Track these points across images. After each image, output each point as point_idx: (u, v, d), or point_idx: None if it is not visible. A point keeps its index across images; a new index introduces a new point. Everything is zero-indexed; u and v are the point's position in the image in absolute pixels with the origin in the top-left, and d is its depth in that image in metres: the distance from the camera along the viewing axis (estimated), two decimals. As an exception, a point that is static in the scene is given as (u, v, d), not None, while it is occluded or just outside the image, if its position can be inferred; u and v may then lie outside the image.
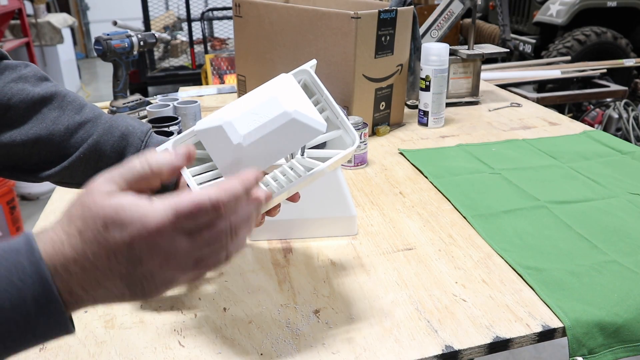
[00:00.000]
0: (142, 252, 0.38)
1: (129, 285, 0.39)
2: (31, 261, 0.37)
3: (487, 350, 0.57)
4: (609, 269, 0.68)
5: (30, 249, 0.37)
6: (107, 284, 0.39)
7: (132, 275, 0.39)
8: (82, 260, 0.38)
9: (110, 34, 1.23)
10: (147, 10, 3.77)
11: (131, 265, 0.39)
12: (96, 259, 0.38)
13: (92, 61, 6.07)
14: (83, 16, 6.16)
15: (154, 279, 0.40)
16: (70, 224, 0.39)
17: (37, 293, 0.37)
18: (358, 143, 0.55)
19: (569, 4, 3.57)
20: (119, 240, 0.38)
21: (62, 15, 4.52)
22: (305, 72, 0.57)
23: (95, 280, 0.39)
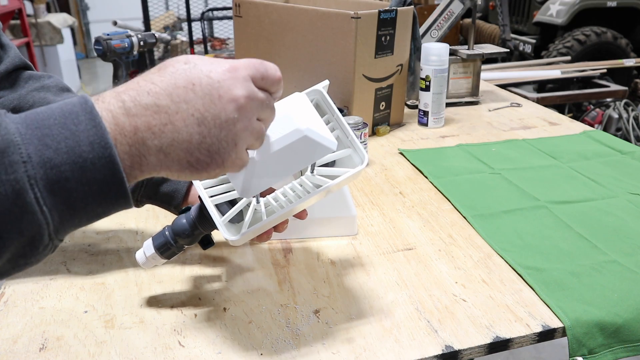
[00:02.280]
0: (220, 84, 0.39)
1: (200, 123, 0.38)
2: (84, 109, 0.36)
3: (487, 350, 0.57)
4: (609, 269, 0.68)
5: (83, 100, 0.37)
6: (178, 120, 0.38)
7: (207, 111, 0.39)
8: (155, 90, 0.38)
9: (110, 34, 1.23)
10: (147, 10, 3.77)
11: (207, 98, 0.39)
12: (173, 88, 0.38)
13: (92, 61, 6.07)
14: (83, 16, 6.16)
15: (227, 122, 0.39)
16: (147, 71, 0.40)
17: (92, 138, 0.36)
18: (367, 162, 0.56)
19: (569, 4, 3.57)
20: (200, 70, 0.39)
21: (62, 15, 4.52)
22: (317, 92, 0.59)
23: (166, 115, 0.38)
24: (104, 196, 0.37)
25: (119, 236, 0.77)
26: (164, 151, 0.39)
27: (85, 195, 0.36)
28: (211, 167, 0.41)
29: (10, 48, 0.67)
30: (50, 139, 0.35)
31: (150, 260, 0.61)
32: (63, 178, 0.35)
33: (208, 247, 0.64)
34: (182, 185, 0.68)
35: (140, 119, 0.37)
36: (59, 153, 0.35)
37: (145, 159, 0.38)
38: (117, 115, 0.37)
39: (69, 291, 0.65)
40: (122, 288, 0.66)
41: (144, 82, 0.39)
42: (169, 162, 0.39)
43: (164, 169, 0.40)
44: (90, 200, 0.37)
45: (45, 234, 0.36)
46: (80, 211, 0.37)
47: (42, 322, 0.60)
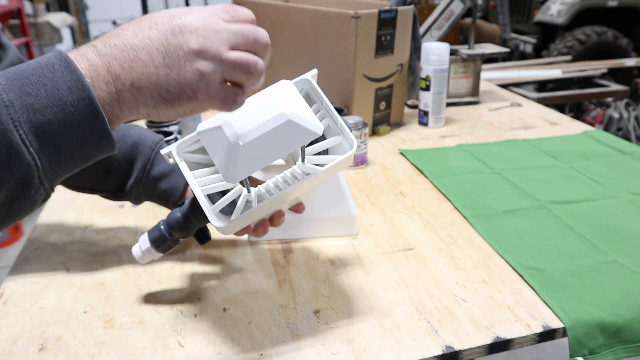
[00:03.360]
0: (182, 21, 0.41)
1: (166, 56, 0.40)
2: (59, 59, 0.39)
3: (488, 350, 0.57)
4: (609, 269, 0.68)
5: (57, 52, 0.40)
6: (144, 56, 0.40)
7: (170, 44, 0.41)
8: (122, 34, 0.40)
9: (110, 34, 1.23)
10: (146, 9, 3.77)
11: (170, 31, 0.41)
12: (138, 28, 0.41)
13: (92, 61, 6.06)
14: (82, 16, 6.15)
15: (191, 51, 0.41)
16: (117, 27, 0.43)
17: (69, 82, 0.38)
18: (356, 148, 0.56)
19: (569, 3, 3.57)
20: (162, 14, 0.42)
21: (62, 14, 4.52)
22: (306, 82, 0.58)
23: (133, 50, 0.40)
24: (87, 136, 0.39)
25: (119, 236, 0.77)
26: (136, 85, 0.41)
27: (70, 136, 0.38)
28: (182, 98, 0.42)
29: (10, 48, 0.67)
30: (29, 87, 0.37)
31: (146, 254, 0.61)
32: (46, 121, 0.37)
33: (205, 242, 0.64)
34: (180, 182, 0.68)
35: (111, 57, 0.40)
36: (40, 98, 0.37)
37: (121, 96, 0.40)
38: (90, 57, 0.40)
39: (69, 291, 0.65)
40: (121, 288, 0.65)
41: (114, 30, 0.42)
42: (143, 97, 0.41)
43: (141, 105, 0.42)
44: (75, 142, 0.38)
45: (35, 175, 0.38)
46: (67, 153, 0.39)
47: (41, 323, 0.60)
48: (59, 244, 0.75)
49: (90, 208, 0.84)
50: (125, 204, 0.85)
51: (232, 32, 0.43)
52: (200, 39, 0.42)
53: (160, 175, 0.68)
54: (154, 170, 0.68)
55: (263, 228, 0.60)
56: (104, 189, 0.70)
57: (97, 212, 0.83)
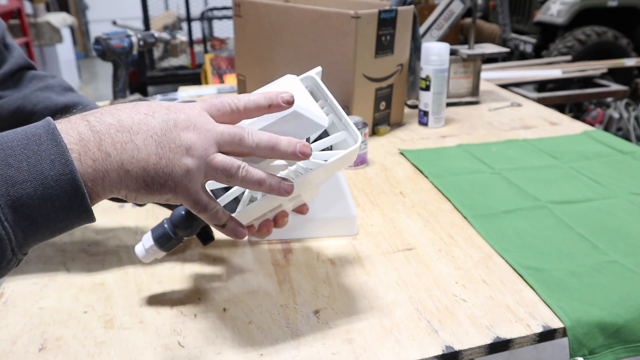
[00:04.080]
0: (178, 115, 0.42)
1: (158, 144, 0.41)
2: (47, 130, 0.39)
3: (488, 350, 0.57)
4: (609, 269, 0.68)
5: (45, 122, 0.39)
6: (138, 141, 0.41)
7: (164, 136, 0.42)
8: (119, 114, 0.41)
9: (109, 34, 1.23)
10: (146, 9, 3.77)
11: (165, 123, 0.42)
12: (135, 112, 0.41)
13: (92, 61, 6.07)
14: (82, 16, 6.15)
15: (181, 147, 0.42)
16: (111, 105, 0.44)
17: (53, 156, 0.38)
18: (360, 142, 0.56)
19: (569, 3, 3.57)
20: (158, 104, 0.42)
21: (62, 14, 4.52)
22: (310, 79, 0.58)
23: (128, 132, 0.41)
24: (66, 211, 0.39)
25: (119, 236, 0.77)
26: (125, 167, 0.41)
27: (48, 211, 0.38)
28: (164, 189, 0.43)
29: (15, 48, 0.68)
30: (12, 158, 0.37)
31: (150, 252, 0.61)
32: (25, 194, 0.37)
33: (208, 242, 0.64)
34: None
35: (105, 134, 0.40)
36: (21, 171, 0.37)
37: (107, 175, 0.40)
38: (82, 131, 0.39)
39: (69, 291, 0.65)
40: (121, 288, 0.65)
41: (108, 109, 0.42)
42: (128, 180, 0.41)
43: (123, 187, 0.42)
44: (53, 216, 0.38)
45: (8, 249, 0.37)
46: (43, 226, 0.38)
47: (41, 323, 0.60)
48: (59, 244, 0.75)
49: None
50: (126, 204, 0.85)
51: (220, 132, 0.44)
52: (192, 136, 0.43)
53: None
54: None
55: (267, 228, 0.60)
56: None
57: (97, 212, 0.83)
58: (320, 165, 0.54)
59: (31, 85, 0.67)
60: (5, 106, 0.64)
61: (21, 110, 0.64)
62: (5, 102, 0.64)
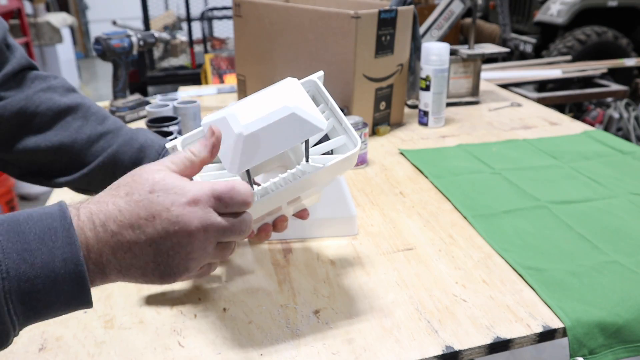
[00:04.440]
0: (178, 219, 0.42)
1: (156, 253, 0.43)
2: (63, 225, 0.40)
3: (488, 350, 0.57)
4: (609, 269, 0.68)
5: (62, 215, 0.40)
6: (137, 250, 0.42)
7: (163, 244, 0.42)
8: (121, 219, 0.42)
9: (109, 34, 1.23)
10: (146, 9, 3.77)
11: (164, 232, 0.42)
12: (136, 219, 0.42)
13: (92, 61, 6.07)
14: (82, 16, 6.15)
15: (180, 252, 0.43)
16: (118, 189, 0.43)
17: (66, 255, 0.39)
18: (359, 147, 0.56)
19: (569, 3, 3.57)
20: (161, 203, 0.42)
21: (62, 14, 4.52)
22: (312, 83, 0.58)
23: (127, 243, 0.42)
24: (69, 303, 0.41)
25: (119, 236, 0.77)
26: (122, 273, 0.43)
27: (52, 303, 0.40)
28: (164, 283, 0.45)
29: (17, 49, 0.67)
30: (28, 253, 0.38)
31: None
32: (35, 290, 0.38)
33: None
34: None
35: (106, 245, 0.41)
36: (34, 267, 0.38)
37: (106, 277, 0.43)
38: (88, 236, 0.41)
39: (69, 291, 0.65)
40: (121, 288, 0.65)
41: (112, 206, 0.42)
42: (128, 279, 0.44)
43: (124, 280, 0.45)
44: (56, 307, 0.40)
45: (11, 337, 0.40)
46: (45, 315, 0.41)
47: (41, 323, 0.59)
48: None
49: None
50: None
51: (222, 231, 0.45)
52: (194, 241, 0.43)
53: None
54: None
55: (266, 232, 0.60)
56: None
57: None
58: (319, 168, 0.54)
59: (33, 86, 0.67)
60: (8, 107, 0.64)
61: (24, 111, 0.64)
62: (8, 103, 0.64)
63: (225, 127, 0.50)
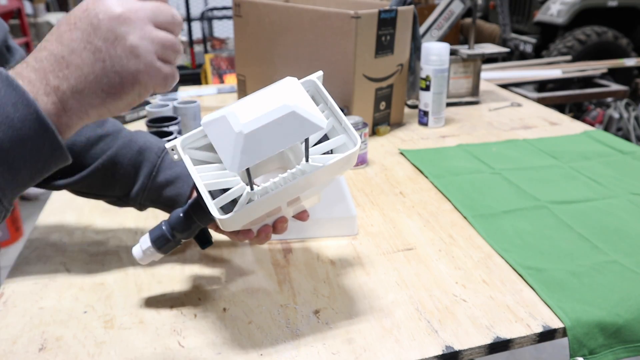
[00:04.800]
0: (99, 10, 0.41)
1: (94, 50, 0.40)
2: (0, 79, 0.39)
3: (488, 350, 0.57)
4: (609, 269, 0.68)
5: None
6: (75, 59, 0.40)
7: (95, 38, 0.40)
8: (47, 45, 0.41)
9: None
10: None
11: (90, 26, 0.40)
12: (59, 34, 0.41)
13: (92, 61, 6.06)
14: (83, 16, 6.15)
15: (121, 39, 0.41)
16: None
17: (14, 99, 0.38)
18: (359, 146, 0.56)
19: (569, 3, 3.57)
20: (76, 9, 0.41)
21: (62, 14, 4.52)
22: (311, 83, 0.59)
23: (62, 59, 0.40)
24: (39, 150, 0.39)
25: (119, 236, 0.77)
26: (77, 90, 0.41)
27: (22, 152, 0.39)
28: (126, 86, 0.42)
29: (17, 51, 0.67)
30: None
31: (147, 254, 0.61)
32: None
33: (206, 247, 0.63)
34: (185, 190, 0.68)
35: (46, 69, 0.40)
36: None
37: (66, 104, 0.41)
38: (26, 75, 0.40)
39: (69, 291, 0.65)
40: (121, 288, 0.65)
41: (41, 42, 0.42)
42: (89, 99, 0.41)
43: (88, 107, 0.42)
44: (28, 157, 0.39)
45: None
46: (21, 169, 0.39)
47: (41, 323, 0.60)
48: (59, 244, 0.75)
49: (90, 208, 0.84)
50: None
51: (151, 10, 0.43)
52: (123, 22, 0.41)
53: (165, 182, 0.68)
54: (160, 177, 0.68)
55: (266, 234, 0.60)
56: (108, 195, 0.70)
57: (97, 212, 0.83)
58: (319, 167, 0.54)
59: None
60: None
61: None
62: None
63: (225, 125, 0.50)
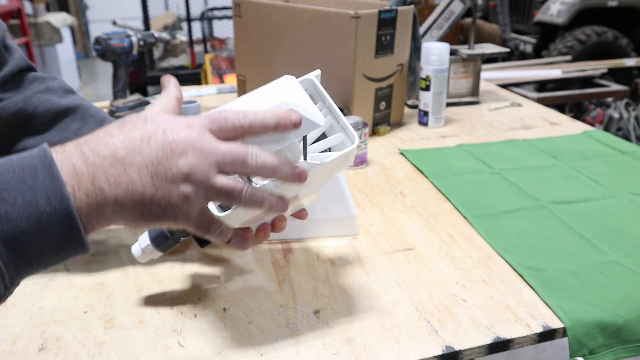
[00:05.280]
0: (174, 140, 0.40)
1: (154, 176, 0.40)
2: (43, 162, 0.37)
3: (488, 350, 0.57)
4: (609, 269, 0.68)
5: (43, 153, 0.38)
6: (132, 171, 0.39)
7: (160, 165, 0.40)
8: (114, 142, 0.39)
9: (109, 34, 1.23)
10: (146, 9, 3.77)
11: (161, 151, 0.40)
12: (129, 140, 0.40)
13: (92, 61, 6.07)
14: (82, 16, 6.16)
15: (178, 174, 0.40)
16: (107, 127, 0.42)
17: (49, 191, 0.37)
18: (357, 142, 0.56)
19: (569, 3, 3.57)
20: (155, 126, 0.40)
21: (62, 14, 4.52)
22: (309, 81, 0.59)
23: (122, 164, 0.39)
24: (60, 247, 0.38)
25: (119, 236, 0.77)
26: (119, 202, 0.39)
27: (42, 246, 0.37)
28: (163, 218, 0.42)
29: (15, 50, 0.67)
30: (7, 193, 0.36)
31: (146, 252, 0.61)
32: (19, 231, 0.36)
33: (205, 245, 0.63)
34: None
35: (98, 168, 0.38)
36: (16, 207, 0.36)
37: (102, 210, 0.39)
38: (76, 164, 0.38)
39: (69, 291, 0.65)
40: (121, 288, 0.65)
41: (103, 134, 0.40)
42: (124, 213, 0.40)
43: (120, 219, 0.41)
44: (47, 252, 0.37)
45: (1, 285, 0.37)
46: (37, 261, 0.38)
47: (41, 323, 0.60)
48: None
49: (90, 208, 0.84)
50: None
51: (222, 154, 0.42)
52: (191, 160, 0.41)
53: None
54: None
55: (264, 232, 0.59)
56: None
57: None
58: (317, 165, 0.54)
59: (32, 87, 0.67)
60: (6, 109, 0.64)
61: (22, 112, 0.64)
62: (6, 105, 0.64)
63: None
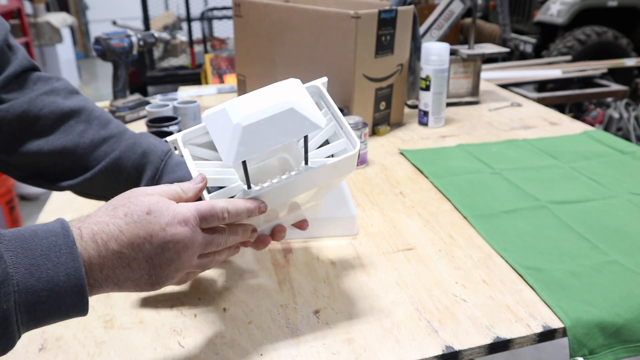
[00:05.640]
0: (173, 238, 0.48)
1: (150, 267, 0.47)
2: (66, 243, 0.43)
3: (488, 350, 0.57)
4: (609, 269, 0.68)
5: (65, 233, 0.44)
6: (134, 265, 0.47)
7: (157, 259, 0.47)
8: (122, 238, 0.46)
9: (109, 34, 1.23)
10: (146, 9, 3.76)
11: (160, 248, 0.47)
12: (135, 238, 0.46)
13: (92, 61, 6.07)
14: (82, 16, 6.15)
15: (170, 265, 0.48)
16: (116, 209, 0.48)
17: (69, 270, 0.43)
18: (358, 148, 0.56)
19: (569, 3, 3.57)
20: (158, 223, 0.47)
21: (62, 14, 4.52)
22: (315, 88, 0.59)
23: (126, 259, 0.46)
24: (67, 313, 0.44)
25: (119, 236, 0.77)
26: (118, 285, 0.47)
27: (53, 313, 0.43)
28: (150, 290, 0.50)
29: (18, 50, 0.67)
30: (35, 268, 0.42)
31: None
32: (39, 301, 0.42)
33: None
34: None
35: (107, 262, 0.45)
36: (40, 281, 0.42)
37: (102, 288, 0.46)
38: (91, 254, 0.45)
39: (69, 291, 0.65)
40: (121, 288, 0.65)
41: (113, 226, 0.46)
42: (120, 290, 0.48)
43: (115, 291, 0.48)
44: (56, 317, 0.44)
45: (12, 342, 0.43)
46: (46, 322, 0.44)
47: (41, 323, 0.59)
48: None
49: (90, 208, 0.84)
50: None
51: (204, 245, 0.51)
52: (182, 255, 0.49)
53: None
54: (163, 181, 0.67)
55: (264, 244, 0.59)
56: (111, 197, 0.70)
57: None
58: (316, 167, 0.54)
59: (36, 87, 0.66)
60: (10, 110, 0.63)
61: (27, 114, 0.64)
62: (11, 107, 0.64)
63: (225, 118, 0.51)
